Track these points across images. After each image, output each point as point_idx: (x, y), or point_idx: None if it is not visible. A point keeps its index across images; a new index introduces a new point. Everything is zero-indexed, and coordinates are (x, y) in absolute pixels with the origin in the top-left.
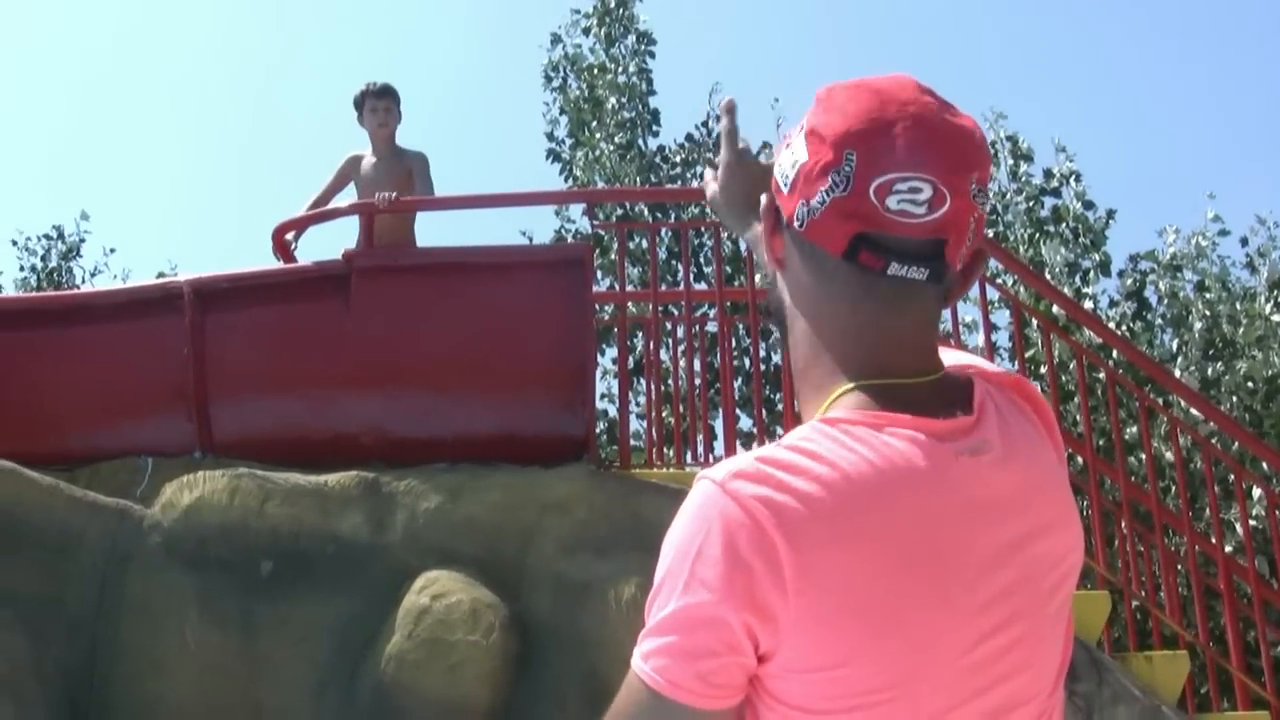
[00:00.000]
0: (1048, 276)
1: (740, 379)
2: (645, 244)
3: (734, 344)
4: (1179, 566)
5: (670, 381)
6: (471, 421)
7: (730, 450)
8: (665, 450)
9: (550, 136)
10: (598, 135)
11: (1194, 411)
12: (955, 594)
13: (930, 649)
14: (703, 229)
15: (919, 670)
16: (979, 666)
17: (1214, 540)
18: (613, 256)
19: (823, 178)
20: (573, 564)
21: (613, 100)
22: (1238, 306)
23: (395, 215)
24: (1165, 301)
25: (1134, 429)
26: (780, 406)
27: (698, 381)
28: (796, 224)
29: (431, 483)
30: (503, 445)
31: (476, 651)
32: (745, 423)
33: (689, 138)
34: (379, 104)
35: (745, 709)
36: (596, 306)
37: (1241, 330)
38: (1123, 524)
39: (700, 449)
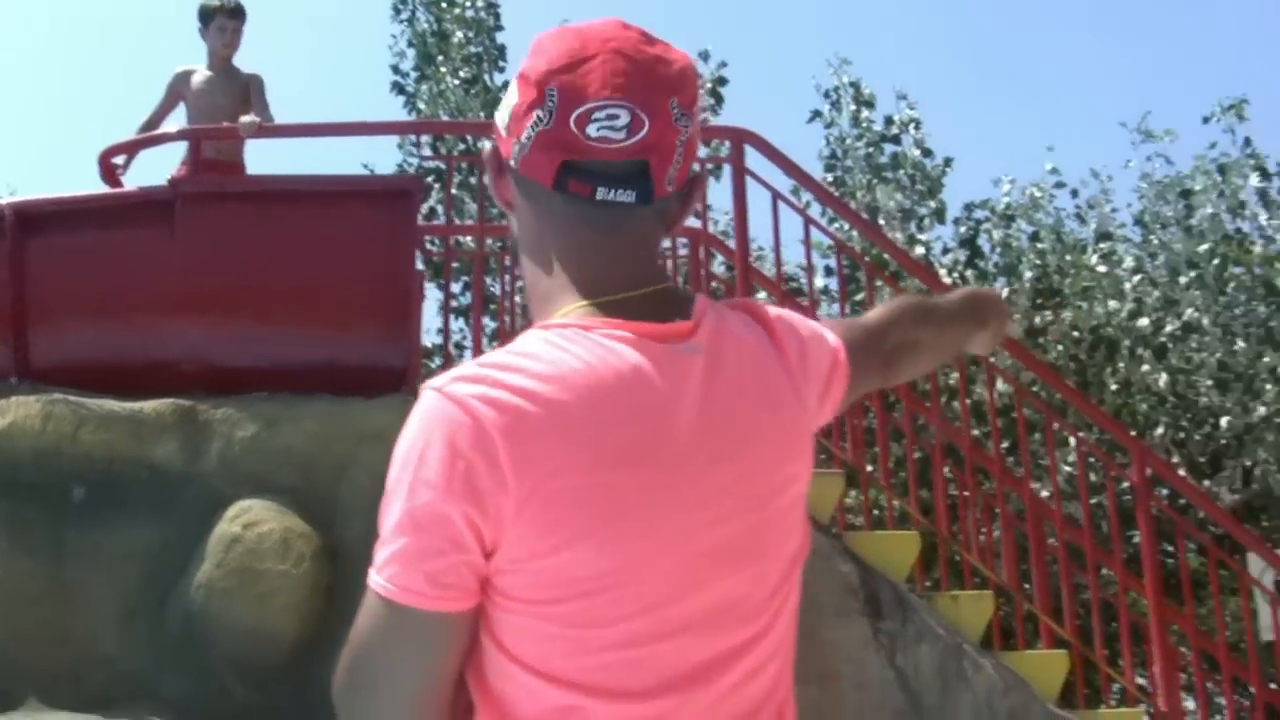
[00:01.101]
0: (881, 222)
1: None
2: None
3: None
4: (995, 510)
5: (507, 318)
6: (293, 351)
7: None
8: None
9: (396, 70)
10: (444, 69)
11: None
12: (674, 484)
13: (649, 537)
14: None
15: (639, 558)
16: (698, 559)
17: (1030, 487)
18: (453, 191)
19: (529, 115)
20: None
21: (460, 34)
22: (1067, 258)
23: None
24: (998, 250)
25: (956, 376)
26: None
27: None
28: (513, 163)
29: (248, 411)
30: (324, 375)
31: (286, 581)
32: None
33: None
34: (229, 24)
35: (480, 623)
36: (442, 240)
37: (1069, 280)
38: (944, 470)
39: None
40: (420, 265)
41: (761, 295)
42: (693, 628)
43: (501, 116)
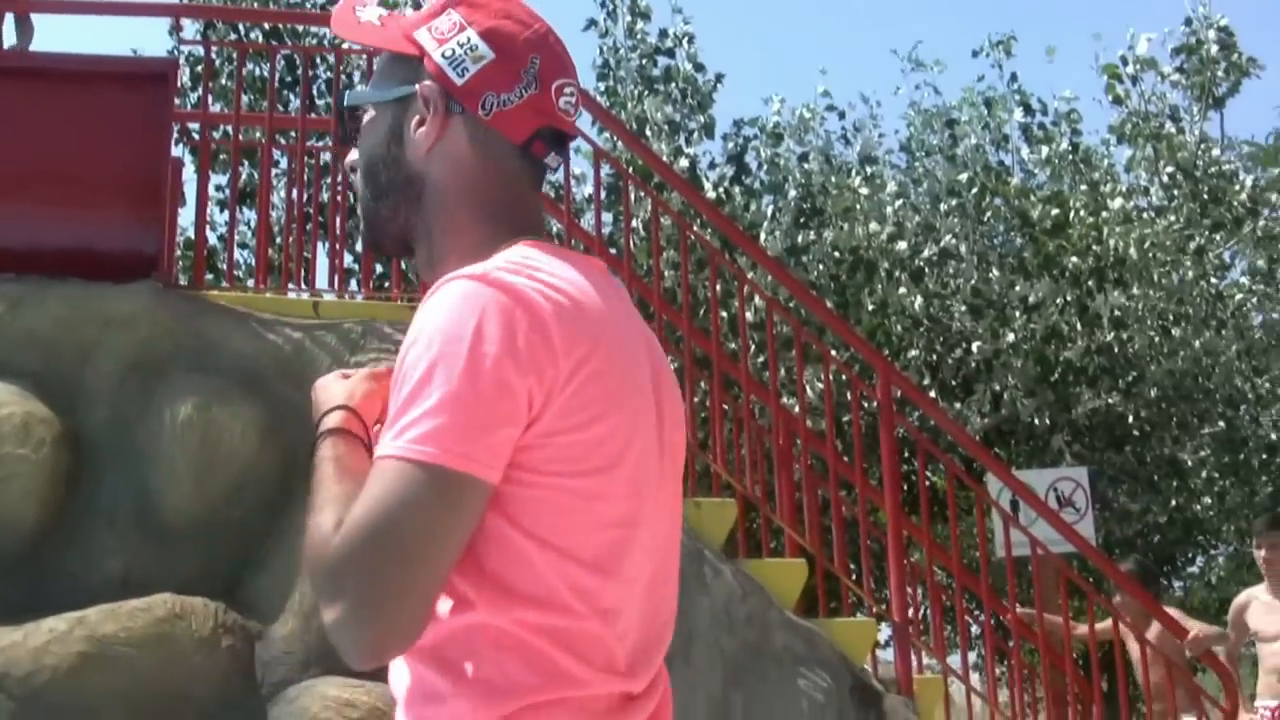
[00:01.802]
0: (649, 134)
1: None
2: (261, 71)
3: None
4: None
5: (272, 212)
6: (42, 234)
7: (339, 280)
8: (263, 279)
9: None
10: None
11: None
12: (646, 379)
13: (643, 422)
14: (319, 57)
15: (637, 442)
16: (662, 458)
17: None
18: (225, 81)
19: (516, 76)
20: (131, 381)
21: None
22: (832, 179)
23: None
24: (765, 168)
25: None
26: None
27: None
28: (482, 112)
29: None
30: (73, 259)
31: (26, 466)
32: (349, 260)
33: None
34: None
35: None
36: (204, 128)
37: (832, 200)
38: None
39: (295, 280)
40: (185, 154)
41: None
42: (662, 518)
43: (455, 62)
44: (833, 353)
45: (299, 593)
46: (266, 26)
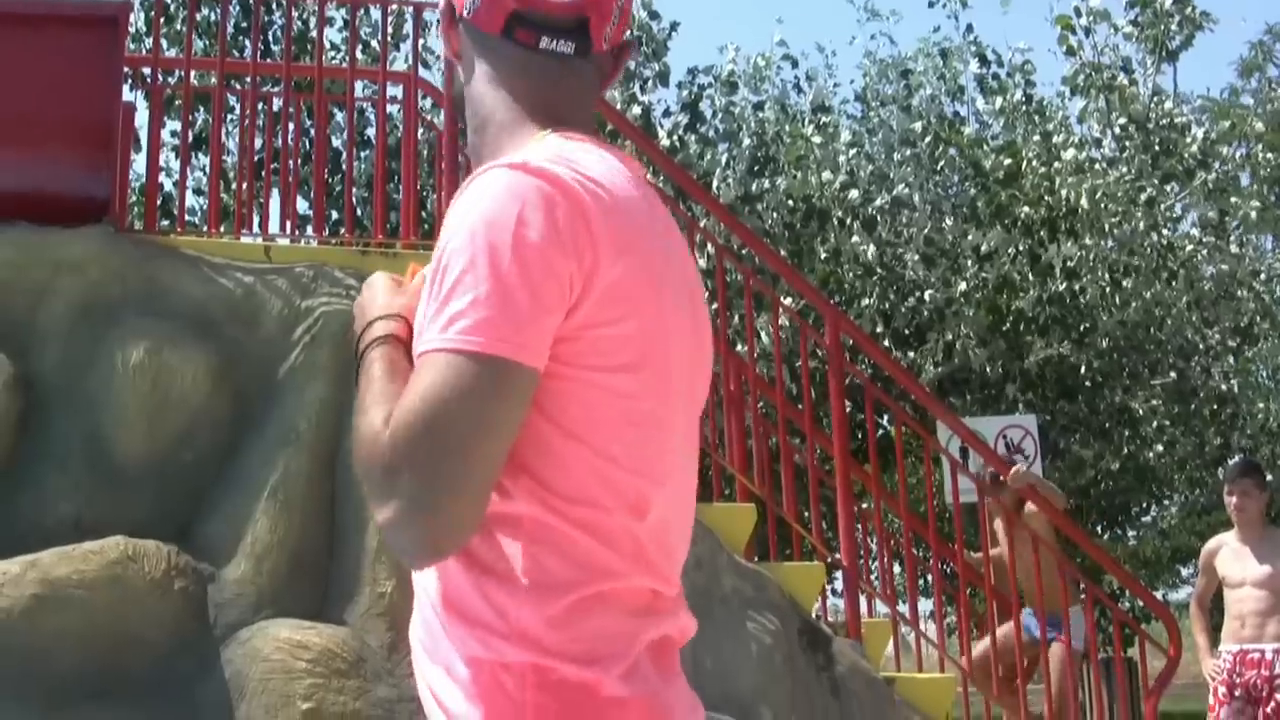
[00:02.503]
0: None
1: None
2: (214, 16)
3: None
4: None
5: (225, 158)
6: None
7: (291, 226)
8: (215, 225)
9: None
10: None
11: None
12: (680, 294)
13: (675, 335)
14: (273, 2)
15: (667, 340)
16: (691, 369)
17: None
18: (179, 27)
19: None
20: (82, 325)
21: None
22: (786, 128)
23: None
24: (720, 116)
25: None
26: (339, 190)
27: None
28: (465, 13)
29: None
30: (23, 203)
31: None
32: (302, 205)
33: None
34: None
35: None
36: (156, 73)
37: (785, 149)
38: None
39: (249, 225)
40: (138, 99)
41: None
42: (691, 425)
43: None
44: (785, 301)
45: (251, 535)
46: None
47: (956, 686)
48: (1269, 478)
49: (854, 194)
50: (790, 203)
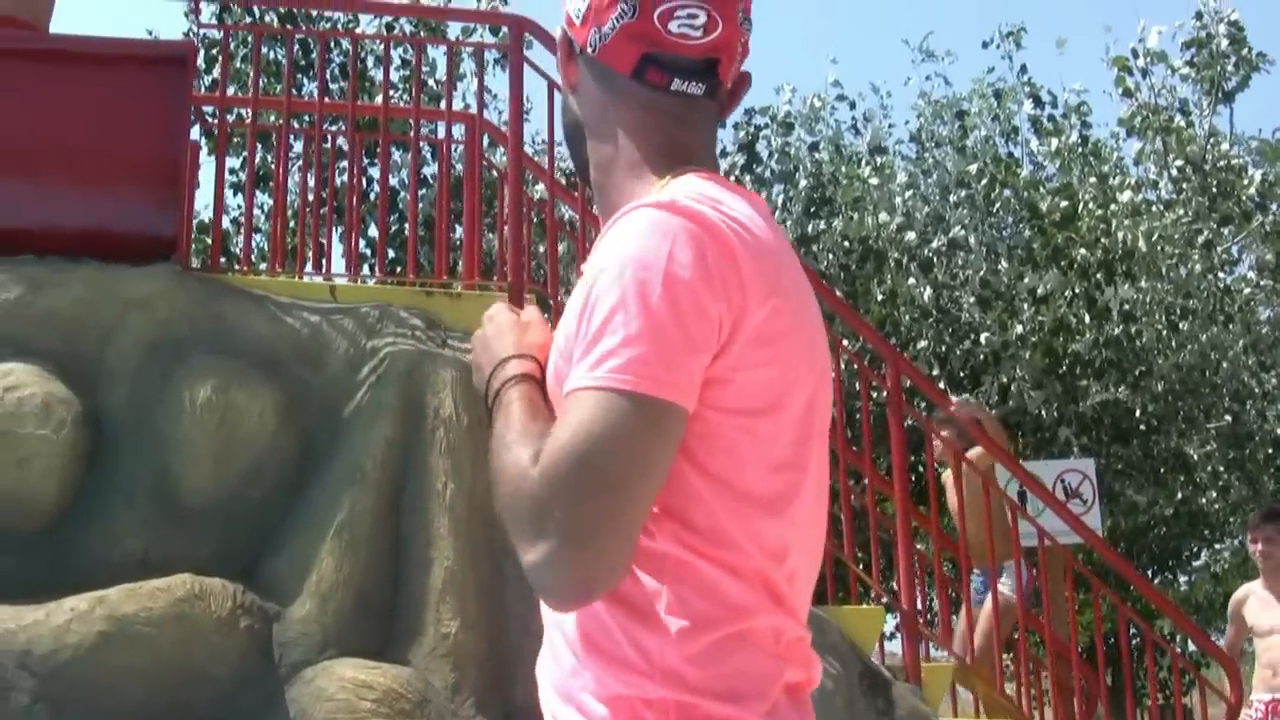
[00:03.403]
0: None
1: (362, 198)
2: (276, 55)
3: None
4: None
5: (286, 196)
6: (61, 214)
7: (351, 266)
8: (279, 262)
9: None
10: None
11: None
12: (814, 336)
13: (811, 376)
14: (334, 41)
15: (806, 387)
16: (823, 409)
17: None
18: (238, 64)
19: (612, 6)
20: (151, 363)
21: None
22: (843, 169)
23: None
24: (776, 157)
25: None
26: (405, 230)
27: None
28: (589, 49)
29: (13, 274)
30: (91, 241)
31: (46, 446)
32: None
33: None
34: None
35: None
36: (219, 111)
37: (842, 190)
38: None
39: (311, 264)
40: (199, 137)
41: (538, 187)
42: (822, 463)
43: (575, 6)
44: (843, 342)
45: (316, 574)
46: (281, 11)
47: None
48: None
49: (910, 236)
50: (846, 244)
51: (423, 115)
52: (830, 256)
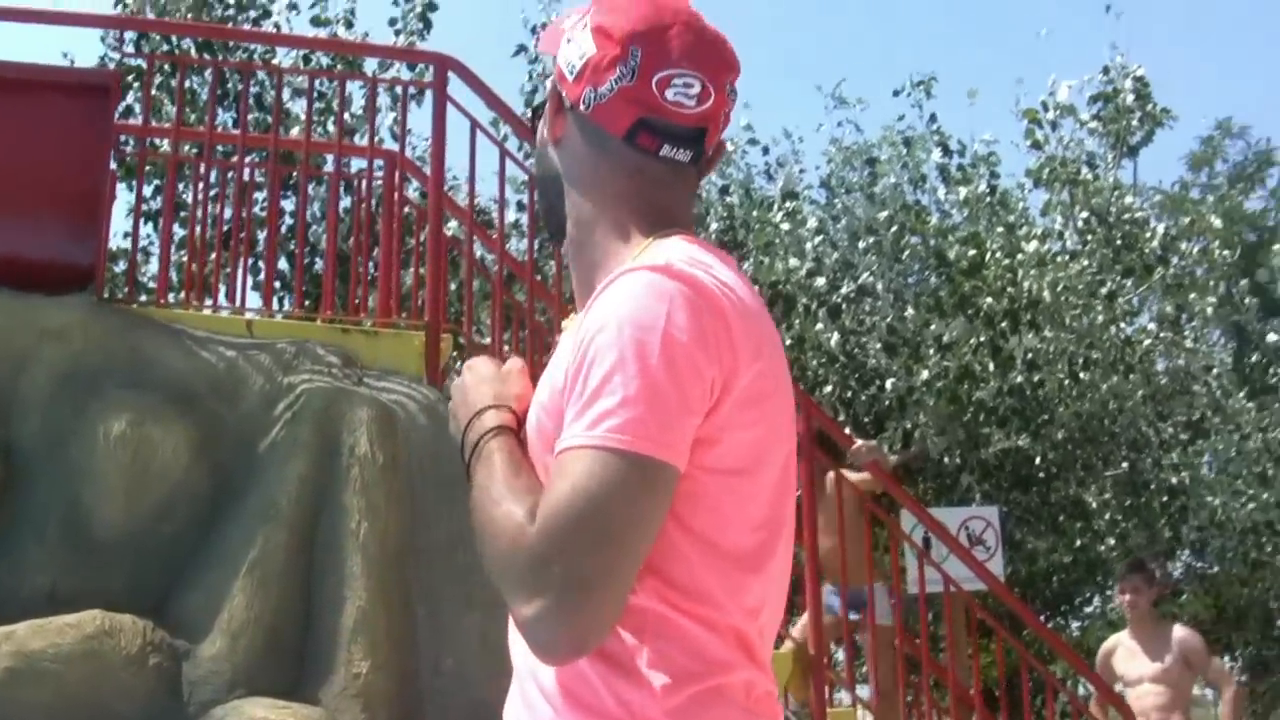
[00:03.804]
0: None
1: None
2: (191, 83)
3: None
4: None
5: (198, 227)
6: None
7: (267, 300)
8: (195, 295)
9: None
10: None
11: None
12: (788, 395)
13: (786, 434)
14: (257, 73)
15: (783, 446)
16: (794, 465)
17: None
18: (153, 92)
19: (611, 69)
20: (64, 394)
21: None
22: (754, 213)
23: None
24: None
25: None
26: (317, 263)
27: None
28: (583, 107)
29: None
30: (6, 267)
31: None
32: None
33: None
34: None
35: None
36: (137, 141)
37: (753, 234)
38: None
39: (225, 294)
40: (114, 166)
41: (453, 225)
42: (791, 518)
43: (569, 61)
44: None
45: (228, 611)
46: (198, 40)
47: None
48: (1214, 569)
49: (819, 281)
50: (756, 288)
51: (344, 151)
52: None
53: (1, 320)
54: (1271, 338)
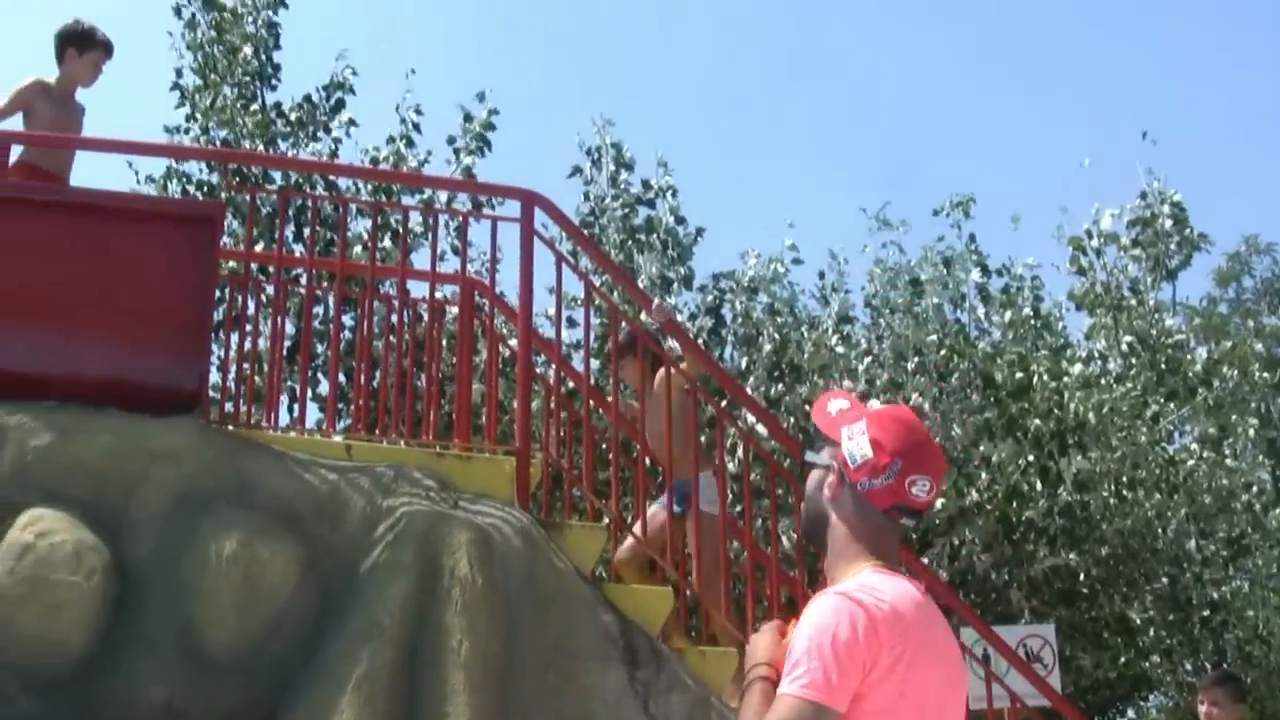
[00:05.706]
0: (642, 283)
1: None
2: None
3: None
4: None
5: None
6: (86, 363)
7: (365, 427)
8: (288, 415)
9: (179, 72)
10: (220, 79)
11: (759, 428)
12: (942, 671)
13: (933, 698)
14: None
15: (928, 709)
16: (930, 706)
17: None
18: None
19: (883, 471)
20: (177, 515)
21: (247, 49)
22: (805, 333)
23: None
24: (739, 320)
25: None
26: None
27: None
28: (859, 487)
29: (42, 420)
30: (113, 390)
31: (76, 593)
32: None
33: (307, 98)
34: (104, 63)
35: None
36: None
37: (808, 356)
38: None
39: (326, 419)
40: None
41: (539, 358)
42: None
43: (852, 455)
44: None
45: None
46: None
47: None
48: (1255, 681)
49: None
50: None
51: (436, 280)
52: (792, 420)
53: (113, 441)
54: None
